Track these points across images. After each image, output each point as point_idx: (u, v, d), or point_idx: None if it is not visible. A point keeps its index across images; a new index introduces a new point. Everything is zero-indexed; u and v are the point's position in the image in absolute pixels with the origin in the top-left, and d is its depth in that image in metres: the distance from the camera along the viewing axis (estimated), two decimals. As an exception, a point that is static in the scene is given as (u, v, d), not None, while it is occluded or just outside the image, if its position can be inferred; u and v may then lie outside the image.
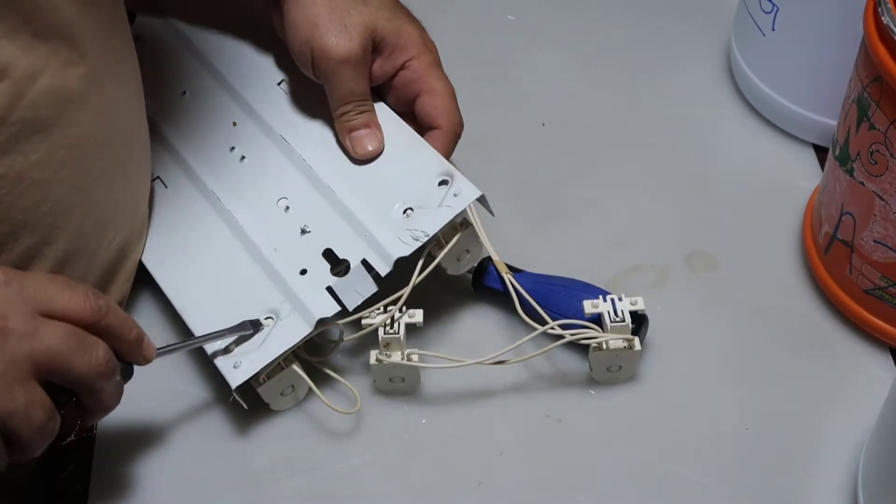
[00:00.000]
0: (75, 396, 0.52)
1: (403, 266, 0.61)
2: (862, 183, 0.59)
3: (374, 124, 0.64)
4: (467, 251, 0.63)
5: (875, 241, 0.60)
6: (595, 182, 0.75)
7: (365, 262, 0.61)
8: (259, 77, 0.69)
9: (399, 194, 0.62)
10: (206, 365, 0.64)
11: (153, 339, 0.63)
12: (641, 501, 0.59)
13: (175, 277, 0.65)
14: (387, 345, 0.60)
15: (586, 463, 0.61)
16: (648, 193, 0.74)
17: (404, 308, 0.61)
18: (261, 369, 0.59)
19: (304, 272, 0.62)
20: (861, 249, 0.61)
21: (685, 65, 0.83)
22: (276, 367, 0.60)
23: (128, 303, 0.67)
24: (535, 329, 0.60)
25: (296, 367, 0.60)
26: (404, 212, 0.61)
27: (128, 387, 0.64)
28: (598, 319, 0.61)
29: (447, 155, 0.65)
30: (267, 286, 0.62)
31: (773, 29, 0.72)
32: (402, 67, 0.64)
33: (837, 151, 0.62)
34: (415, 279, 0.60)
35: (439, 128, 0.64)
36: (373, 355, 0.61)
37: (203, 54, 0.72)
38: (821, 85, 0.72)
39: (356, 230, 0.62)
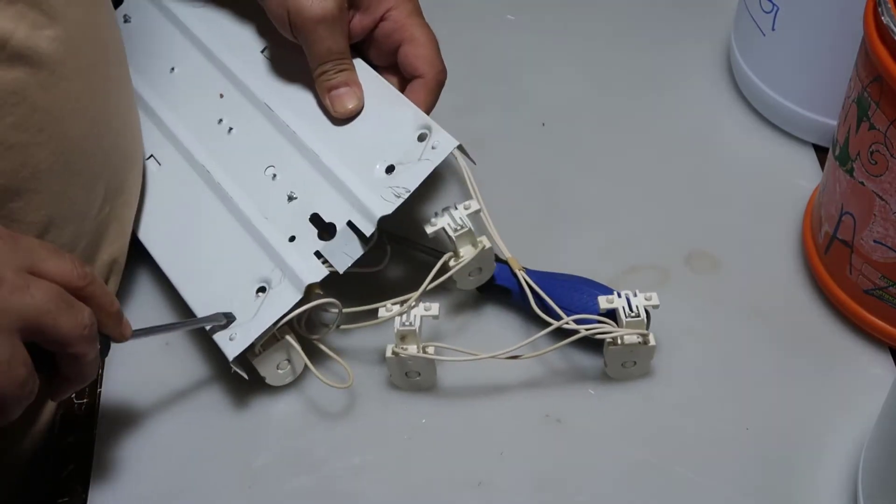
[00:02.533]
0: (53, 365, 0.51)
1: (417, 267, 0.61)
2: (862, 183, 0.59)
3: (353, 82, 0.64)
4: (480, 269, 0.64)
5: (875, 241, 0.60)
6: (595, 182, 0.75)
7: (350, 224, 0.61)
8: (243, 46, 0.70)
9: (380, 152, 0.62)
10: (205, 365, 0.64)
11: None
12: (641, 501, 0.59)
13: (171, 254, 0.66)
14: (403, 337, 0.61)
15: (586, 463, 0.61)
16: (648, 193, 0.74)
17: (419, 301, 0.61)
18: (255, 339, 0.59)
19: (292, 239, 0.62)
20: (861, 249, 0.61)
21: (685, 65, 0.83)
22: (272, 338, 0.60)
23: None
24: (548, 325, 0.61)
25: (290, 339, 0.60)
26: (387, 169, 0.61)
27: (127, 387, 0.64)
28: (609, 315, 0.61)
29: (431, 104, 0.64)
30: (258, 255, 0.63)
31: (773, 29, 0.72)
32: (381, 19, 0.64)
33: (837, 151, 0.62)
34: (426, 284, 0.61)
35: (422, 76, 0.64)
36: (389, 349, 0.61)
37: (189, 27, 0.72)
38: (821, 85, 0.72)
39: (341, 192, 0.62)
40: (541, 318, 0.62)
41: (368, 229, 0.60)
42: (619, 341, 0.61)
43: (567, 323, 0.61)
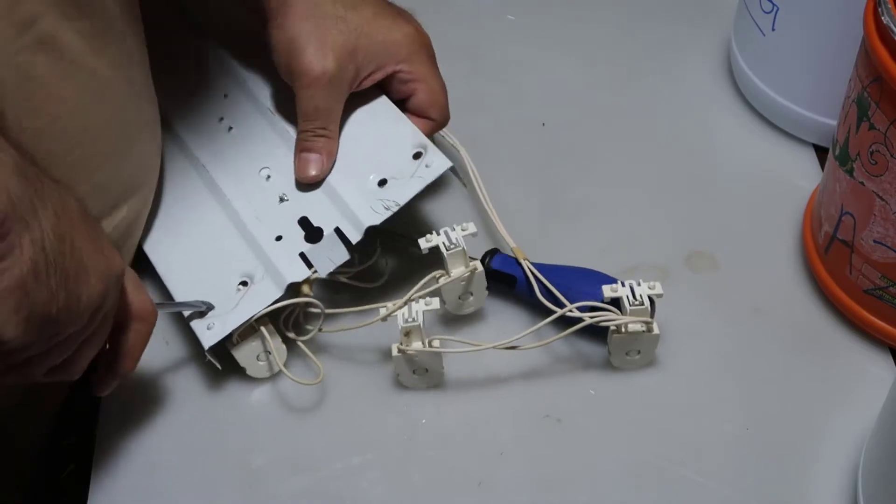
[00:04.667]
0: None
1: (411, 276, 0.62)
2: (862, 183, 0.59)
3: (326, 151, 0.64)
4: (471, 294, 0.64)
5: (875, 241, 0.60)
6: (595, 182, 0.75)
7: (338, 230, 0.62)
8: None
9: (375, 166, 0.63)
10: (205, 365, 0.64)
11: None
12: (641, 501, 0.59)
13: (160, 245, 0.66)
14: (407, 334, 0.61)
15: (586, 463, 0.61)
16: (648, 193, 0.74)
17: (419, 297, 0.61)
18: (232, 331, 0.60)
19: (279, 238, 0.63)
20: (861, 249, 0.61)
21: (685, 65, 0.83)
22: (250, 329, 0.61)
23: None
24: (551, 313, 0.61)
25: (264, 330, 0.61)
26: (379, 182, 0.62)
27: (127, 387, 0.64)
28: (613, 304, 0.61)
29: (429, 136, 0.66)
30: (244, 251, 0.63)
31: (773, 29, 0.72)
32: (393, 74, 0.65)
33: (837, 151, 0.62)
34: (411, 294, 0.61)
35: (433, 120, 0.66)
36: (394, 347, 0.61)
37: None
38: (821, 85, 0.72)
39: (332, 199, 0.63)
40: (544, 310, 0.62)
41: (355, 237, 0.61)
42: (623, 329, 0.61)
43: (571, 310, 0.61)
